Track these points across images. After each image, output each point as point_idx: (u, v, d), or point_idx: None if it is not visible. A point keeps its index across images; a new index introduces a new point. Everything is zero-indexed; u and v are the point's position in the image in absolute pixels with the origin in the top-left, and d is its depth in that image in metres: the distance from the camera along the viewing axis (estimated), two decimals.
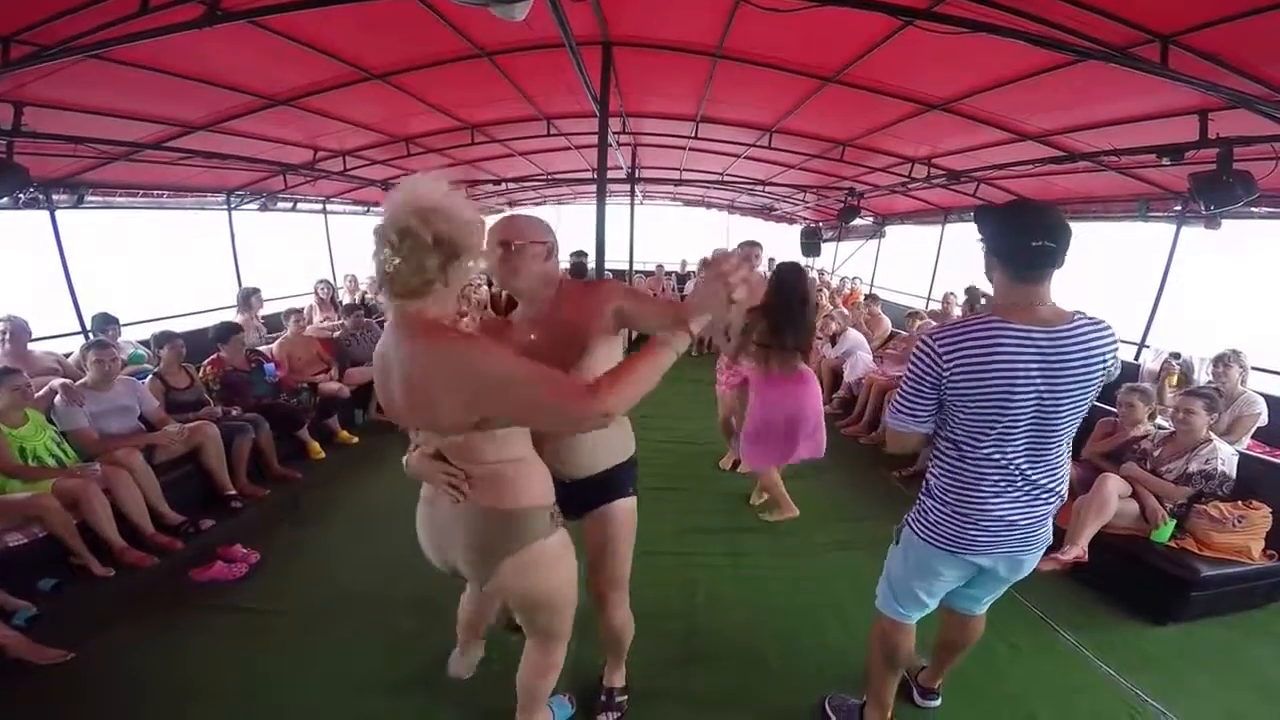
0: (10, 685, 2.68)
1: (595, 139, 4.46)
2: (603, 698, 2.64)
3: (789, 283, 3.82)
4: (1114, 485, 3.52)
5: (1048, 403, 1.87)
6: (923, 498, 2.19)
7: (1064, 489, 2.07)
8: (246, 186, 7.85)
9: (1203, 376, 5.15)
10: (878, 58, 4.14)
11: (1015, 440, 1.94)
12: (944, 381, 1.90)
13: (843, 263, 13.55)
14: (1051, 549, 3.37)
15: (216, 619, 3.19)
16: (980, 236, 2.00)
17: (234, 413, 4.88)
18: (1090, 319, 1.90)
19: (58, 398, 3.96)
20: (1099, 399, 5.22)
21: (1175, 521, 3.50)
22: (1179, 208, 5.91)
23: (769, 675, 2.88)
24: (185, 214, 8.05)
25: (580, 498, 2.25)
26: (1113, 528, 3.51)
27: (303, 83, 4.73)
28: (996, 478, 1.98)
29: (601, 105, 4.35)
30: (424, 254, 1.54)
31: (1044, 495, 2.03)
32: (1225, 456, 3.52)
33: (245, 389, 5.17)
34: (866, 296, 9.69)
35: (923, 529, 2.14)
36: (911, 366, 1.97)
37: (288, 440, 5.25)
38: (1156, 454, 3.69)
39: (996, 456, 1.96)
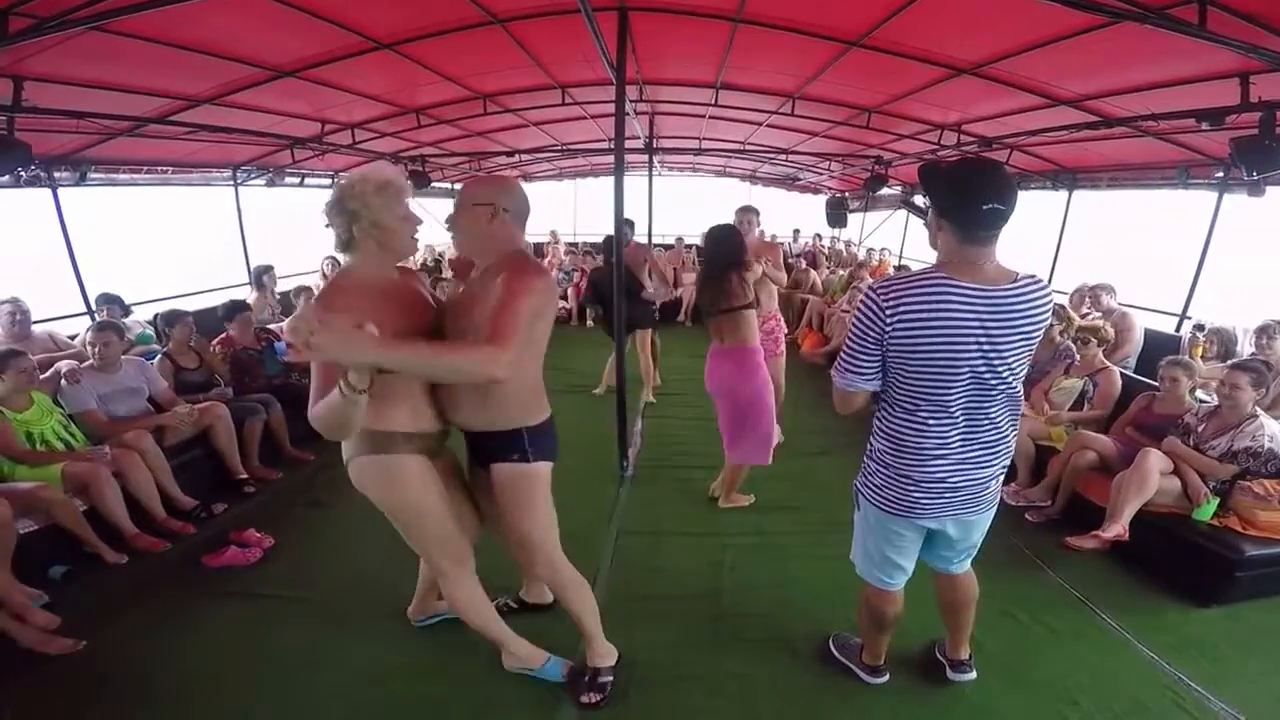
0: (22, 674, 2.64)
1: (612, 108, 4.31)
2: (585, 678, 2.56)
3: (717, 242, 3.79)
4: (1155, 461, 3.39)
5: (990, 363, 1.85)
6: (866, 461, 2.18)
7: (1007, 456, 2.07)
8: (253, 161, 7.75)
9: (1246, 348, 4.96)
10: (904, 20, 3.96)
11: (953, 402, 1.91)
12: (886, 337, 1.84)
13: (870, 234, 13.36)
14: (1092, 527, 3.32)
15: (230, 605, 3.15)
16: (926, 197, 1.92)
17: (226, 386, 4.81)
18: (1031, 278, 1.86)
19: (63, 380, 3.89)
20: (1138, 371, 5.13)
21: (1219, 500, 3.37)
22: (1221, 174, 5.73)
23: (796, 658, 2.81)
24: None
25: (474, 450, 2.38)
26: (1153, 506, 3.38)
27: (310, 53, 4.59)
28: (936, 440, 1.96)
29: (618, 73, 4.19)
30: (335, 216, 1.99)
31: (984, 460, 2.02)
32: (1274, 433, 3.37)
33: (256, 368, 5.09)
34: (896, 268, 9.51)
35: (870, 493, 2.15)
36: (855, 321, 1.91)
37: (300, 421, 5.16)
38: (1200, 429, 3.55)
39: (935, 419, 1.93)
